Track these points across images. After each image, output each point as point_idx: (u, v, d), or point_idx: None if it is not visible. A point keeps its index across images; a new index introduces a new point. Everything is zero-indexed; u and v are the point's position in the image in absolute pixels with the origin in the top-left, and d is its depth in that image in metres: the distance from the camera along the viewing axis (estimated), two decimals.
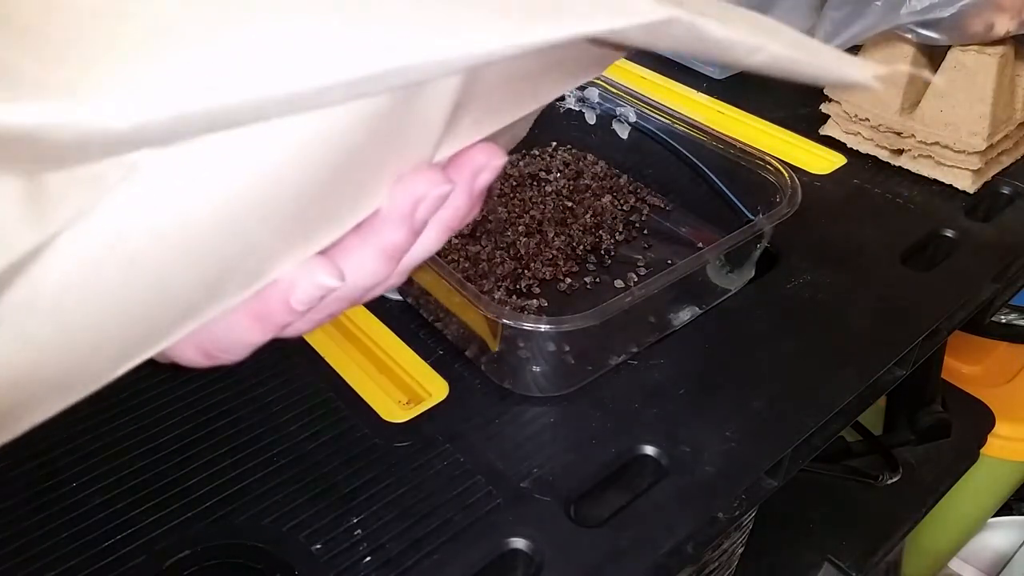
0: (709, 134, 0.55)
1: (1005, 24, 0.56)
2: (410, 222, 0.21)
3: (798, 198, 0.49)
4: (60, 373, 0.18)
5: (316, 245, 0.20)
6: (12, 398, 0.18)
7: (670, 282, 0.45)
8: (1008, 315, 0.86)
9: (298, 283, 0.20)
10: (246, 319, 0.20)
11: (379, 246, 0.21)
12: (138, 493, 0.38)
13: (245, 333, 0.21)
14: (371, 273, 0.21)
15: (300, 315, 0.21)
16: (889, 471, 0.73)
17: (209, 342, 0.21)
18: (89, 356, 0.18)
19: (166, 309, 0.18)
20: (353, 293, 0.22)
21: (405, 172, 0.20)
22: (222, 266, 0.18)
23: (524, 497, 0.38)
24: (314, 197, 0.18)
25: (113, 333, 0.18)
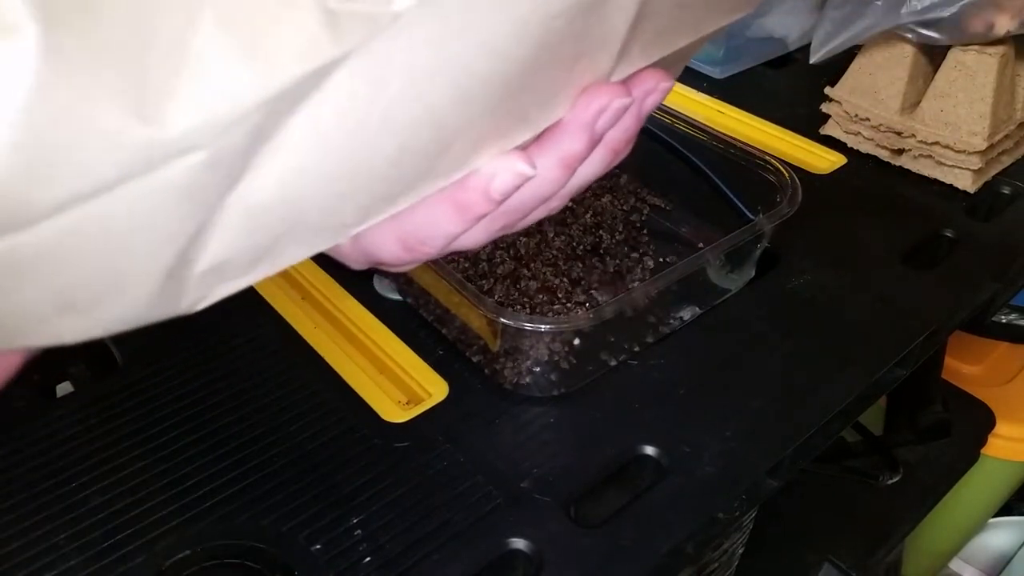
0: (709, 134, 0.55)
1: (1005, 24, 0.56)
2: (591, 131, 0.22)
3: (798, 198, 0.48)
4: (317, 208, 0.19)
5: (512, 141, 0.21)
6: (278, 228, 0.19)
7: (670, 282, 0.45)
8: (1008, 315, 0.86)
9: (498, 172, 0.21)
10: (447, 206, 0.22)
11: (559, 154, 0.23)
12: (138, 493, 0.38)
13: (444, 222, 0.22)
14: (550, 181, 0.23)
15: (495, 205, 0.22)
16: (889, 471, 0.73)
17: (410, 232, 0.23)
18: (341, 199, 0.19)
19: (404, 166, 0.19)
20: (529, 201, 0.24)
21: (588, 86, 0.22)
22: (446, 138, 0.19)
23: (524, 497, 0.38)
24: (521, 83, 0.19)
25: (364, 179, 0.19)
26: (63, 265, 0.15)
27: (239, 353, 0.45)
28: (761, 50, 0.77)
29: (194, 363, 0.45)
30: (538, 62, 0.19)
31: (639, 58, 0.23)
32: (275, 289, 0.50)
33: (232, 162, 0.16)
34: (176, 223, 0.16)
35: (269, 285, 0.50)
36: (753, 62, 0.76)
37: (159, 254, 0.17)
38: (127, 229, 0.15)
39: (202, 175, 0.15)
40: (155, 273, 0.17)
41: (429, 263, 0.42)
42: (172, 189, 0.15)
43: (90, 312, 0.17)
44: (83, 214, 0.14)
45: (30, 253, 0.14)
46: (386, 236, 0.23)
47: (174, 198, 0.15)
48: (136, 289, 0.17)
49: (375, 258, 0.24)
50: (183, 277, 0.18)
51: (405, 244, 0.23)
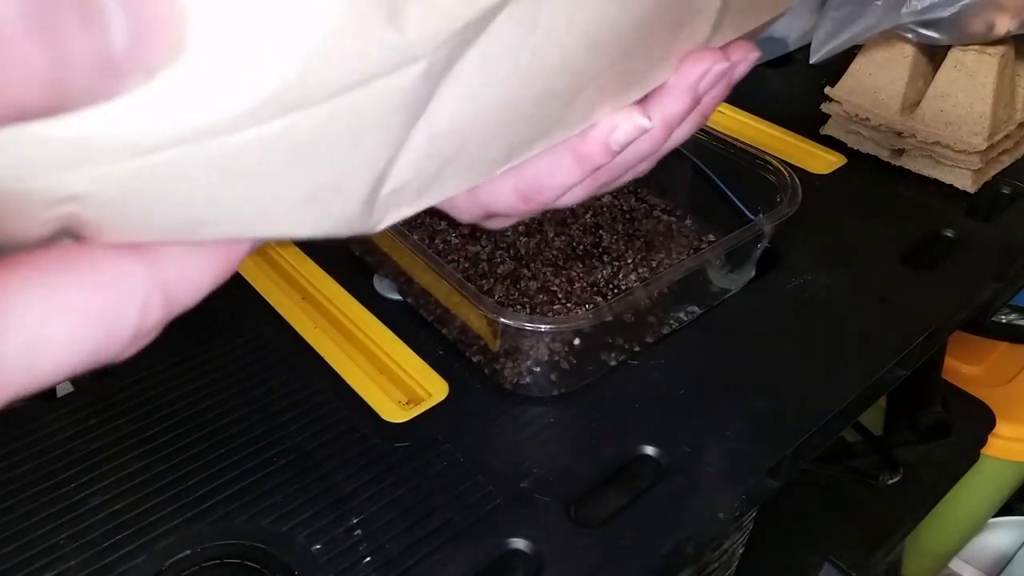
0: (709, 134, 0.55)
1: (1005, 24, 0.56)
2: (693, 93, 0.24)
3: (798, 198, 0.48)
4: (477, 141, 0.20)
5: (626, 99, 0.23)
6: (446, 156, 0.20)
7: (670, 282, 0.45)
8: (1008, 315, 0.86)
9: (619, 124, 0.23)
10: (568, 157, 0.23)
11: (663, 113, 0.24)
12: (137, 493, 0.38)
13: (563, 172, 0.23)
14: (653, 139, 0.24)
15: (612, 157, 0.23)
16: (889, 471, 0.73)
17: (530, 180, 0.24)
18: (497, 135, 0.21)
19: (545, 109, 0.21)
20: (632, 158, 0.25)
21: (690, 51, 0.24)
22: (577, 86, 0.21)
23: (524, 497, 0.38)
24: (637, 40, 0.21)
25: (514, 117, 0.20)
26: (315, 154, 0.16)
27: (239, 353, 0.45)
28: (761, 50, 0.77)
29: (194, 363, 0.45)
30: (651, 21, 0.21)
31: (730, 30, 0.25)
32: (275, 289, 0.50)
33: (433, 82, 0.17)
34: (394, 131, 0.17)
35: (269, 285, 0.50)
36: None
37: (377, 160, 0.18)
38: (367, 126, 0.17)
39: (417, 86, 0.17)
40: (371, 178, 0.18)
41: (429, 263, 0.42)
42: (399, 94, 0.16)
43: (315, 208, 0.18)
44: (344, 105, 0.15)
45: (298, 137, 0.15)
46: (504, 185, 0.24)
47: (399, 103, 0.17)
48: (356, 191, 0.18)
49: (490, 208, 0.25)
50: (378, 192, 0.19)
51: (523, 193, 0.24)
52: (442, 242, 0.54)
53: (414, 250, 0.43)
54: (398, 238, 0.44)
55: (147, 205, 0.15)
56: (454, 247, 0.54)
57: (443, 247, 0.54)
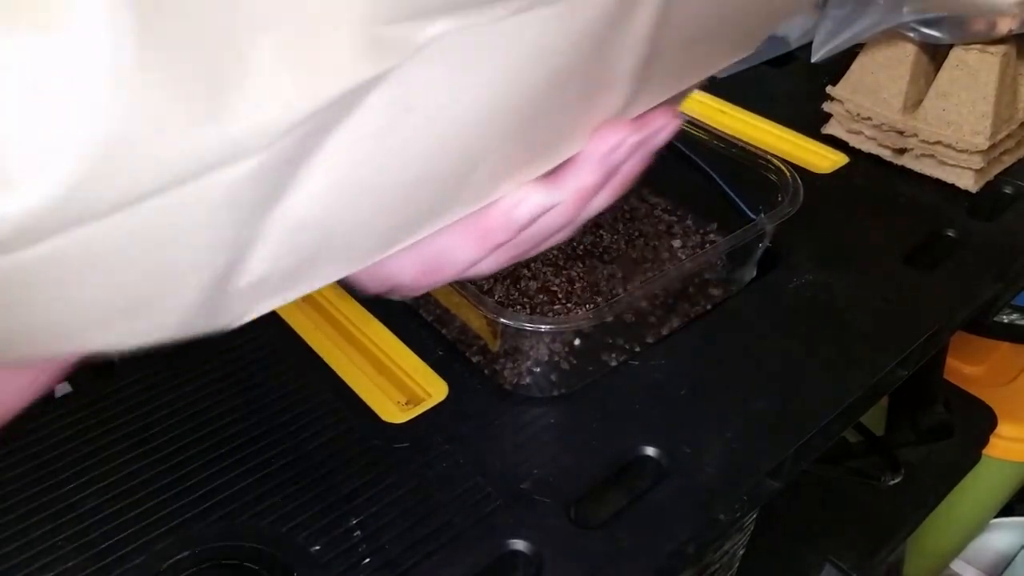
0: (711, 133, 0.55)
1: (1007, 23, 0.56)
2: (606, 165, 0.24)
3: (800, 197, 0.48)
4: (351, 230, 0.20)
5: (531, 173, 0.22)
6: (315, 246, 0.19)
7: (670, 282, 0.45)
8: (1010, 315, 0.86)
9: (521, 201, 0.22)
10: (469, 234, 0.23)
11: (576, 186, 0.23)
12: (137, 494, 0.38)
13: (464, 249, 0.23)
14: (563, 212, 0.24)
15: (515, 233, 0.23)
16: (891, 472, 0.73)
17: (430, 258, 0.23)
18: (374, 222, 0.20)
19: (431, 191, 0.20)
20: (544, 231, 0.25)
21: (602, 122, 0.23)
22: (468, 165, 0.20)
23: (524, 498, 0.38)
24: (537, 116, 0.20)
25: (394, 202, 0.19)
26: (122, 263, 0.15)
27: (239, 353, 0.45)
28: (762, 49, 0.76)
29: (193, 364, 0.45)
30: (547, 98, 0.20)
31: (649, 97, 0.24)
32: None
33: (278, 174, 0.16)
34: (226, 230, 0.16)
35: None
36: (754, 61, 0.76)
37: (210, 260, 0.17)
38: (185, 229, 0.16)
39: (253, 181, 0.16)
40: (204, 279, 0.17)
41: None
42: (227, 192, 0.15)
43: (138, 318, 0.17)
44: (148, 210, 0.14)
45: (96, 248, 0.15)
46: (405, 262, 0.23)
47: (227, 202, 0.16)
48: (185, 295, 0.17)
49: (393, 283, 0.25)
50: (227, 290, 0.18)
51: (424, 270, 0.24)
52: None
53: None
54: None
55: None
56: None
57: None
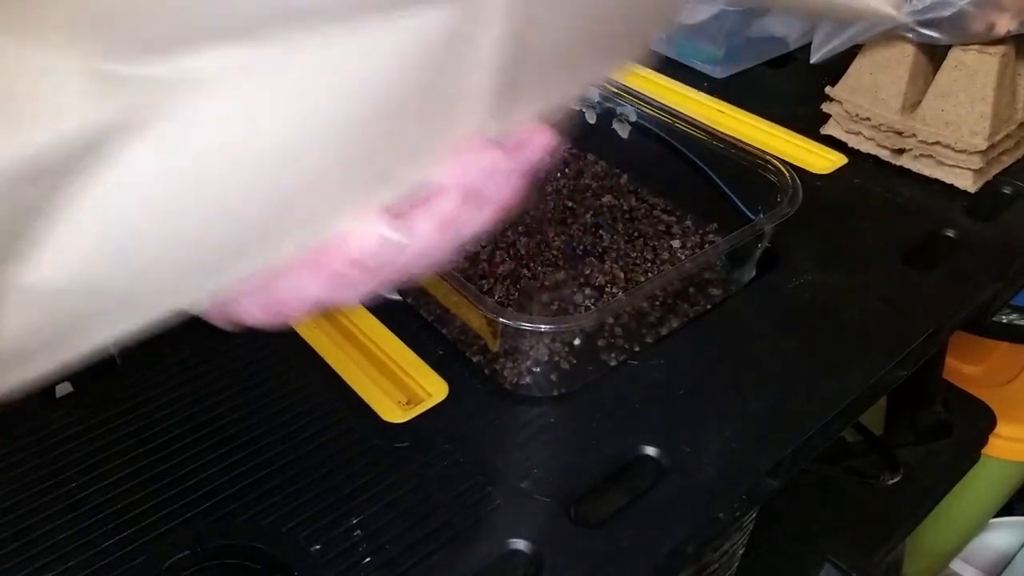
0: (710, 133, 0.55)
1: (1006, 23, 0.56)
2: (464, 191, 0.22)
3: (799, 198, 0.48)
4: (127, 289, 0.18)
5: (378, 200, 0.20)
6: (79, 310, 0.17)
7: (670, 282, 0.45)
8: (1009, 315, 0.86)
9: (364, 236, 0.20)
10: (309, 272, 0.21)
11: (437, 215, 0.22)
12: (137, 493, 0.38)
13: (308, 288, 0.22)
14: (426, 241, 0.22)
15: (360, 269, 0.21)
16: (890, 471, 0.73)
17: (273, 298, 0.22)
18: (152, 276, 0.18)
19: (231, 235, 0.18)
20: (409, 259, 0.23)
21: (462, 145, 0.21)
22: (287, 199, 0.18)
23: (524, 498, 0.38)
24: (364, 143, 0.18)
25: (176, 253, 0.17)
26: None
27: (239, 353, 0.45)
28: (762, 50, 0.77)
29: (194, 363, 0.45)
30: (382, 124, 0.18)
31: (520, 114, 0.22)
32: None
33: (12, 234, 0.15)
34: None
35: None
36: (754, 62, 0.76)
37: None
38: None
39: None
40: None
41: None
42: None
43: None
44: None
45: None
46: (247, 302, 0.22)
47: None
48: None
49: (239, 322, 0.23)
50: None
51: (268, 309, 0.22)
52: None
53: None
54: None
55: None
56: None
57: None
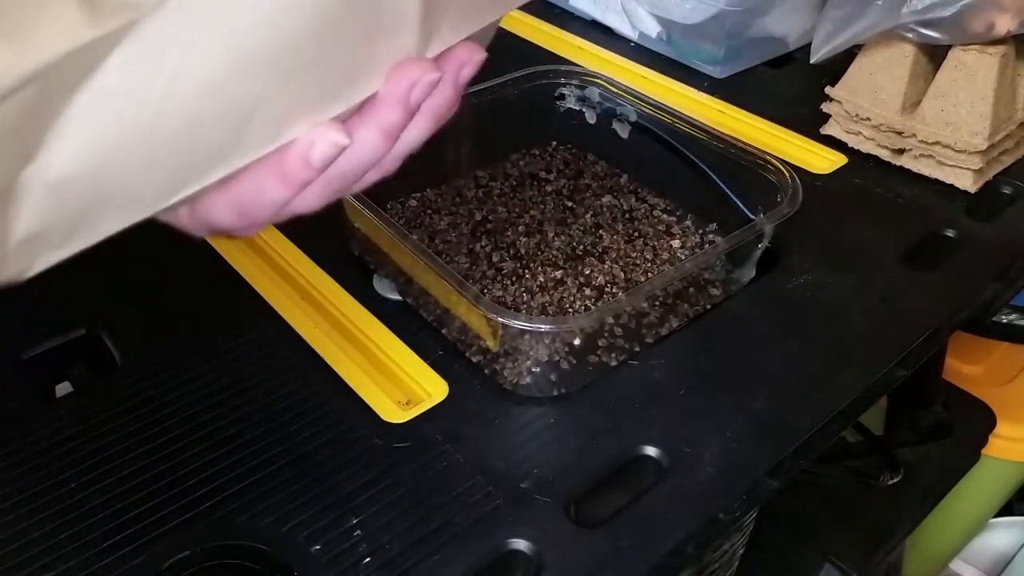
0: (710, 133, 0.55)
1: (1006, 23, 0.56)
2: (405, 103, 0.24)
3: (799, 198, 0.48)
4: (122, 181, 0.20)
5: (325, 114, 0.23)
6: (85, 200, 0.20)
7: (670, 282, 0.45)
8: (1009, 315, 0.86)
9: (315, 141, 0.23)
10: (270, 175, 0.24)
11: (379, 124, 0.24)
12: (137, 494, 0.38)
13: (270, 190, 0.24)
14: (372, 148, 0.25)
15: (316, 173, 0.24)
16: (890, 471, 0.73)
17: (240, 200, 0.24)
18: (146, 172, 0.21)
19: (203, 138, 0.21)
20: (356, 167, 0.26)
21: (398, 61, 0.24)
22: (241, 110, 0.21)
23: (524, 498, 0.38)
24: (312, 58, 0.21)
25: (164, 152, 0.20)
26: None
27: (239, 353, 0.45)
28: (762, 50, 0.77)
29: (194, 363, 0.45)
30: (328, 38, 0.21)
31: (450, 34, 0.25)
32: (275, 289, 0.50)
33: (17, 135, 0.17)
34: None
35: (269, 285, 0.50)
36: (754, 62, 0.76)
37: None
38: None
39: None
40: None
41: (429, 263, 0.42)
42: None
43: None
44: None
45: None
46: (218, 204, 0.24)
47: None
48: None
49: (212, 226, 0.26)
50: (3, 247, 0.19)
51: (238, 211, 0.25)
52: (442, 242, 0.54)
53: (414, 250, 0.43)
54: (398, 238, 0.44)
55: None
56: (454, 247, 0.54)
57: (443, 247, 0.54)
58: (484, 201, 0.58)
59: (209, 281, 0.51)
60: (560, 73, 0.61)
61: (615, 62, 0.76)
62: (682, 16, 0.73)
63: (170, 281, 0.51)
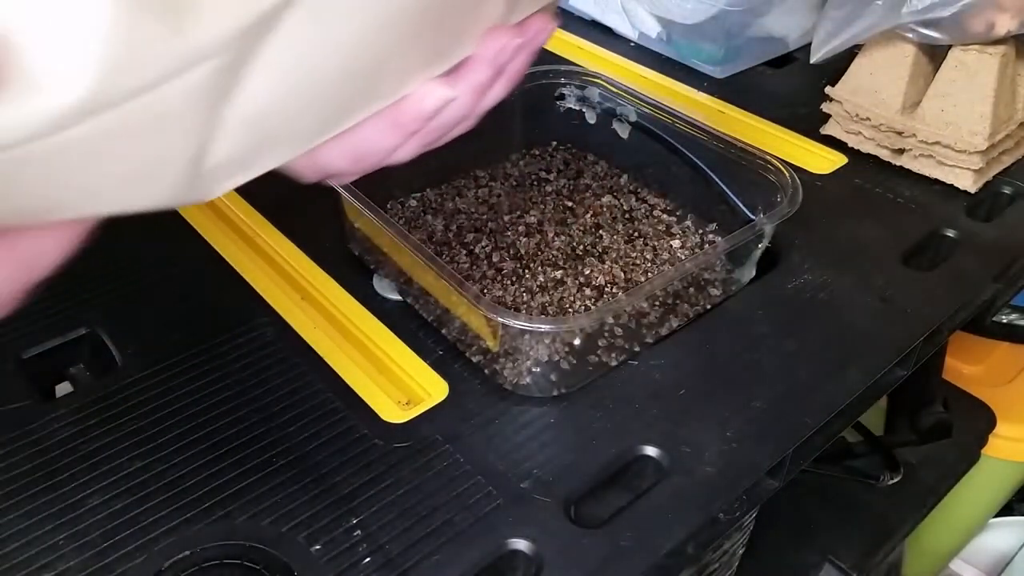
0: (710, 133, 0.55)
1: (1006, 23, 0.56)
2: (495, 64, 0.28)
3: (799, 198, 0.48)
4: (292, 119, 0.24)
5: (433, 72, 0.27)
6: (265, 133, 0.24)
7: (670, 282, 0.45)
8: (1009, 315, 0.86)
9: (427, 95, 0.27)
10: (386, 124, 0.27)
11: (471, 83, 0.28)
12: (137, 494, 0.38)
13: (384, 138, 0.28)
14: (464, 104, 0.29)
15: (425, 123, 0.28)
16: (890, 471, 0.73)
17: (356, 146, 0.28)
18: (310, 111, 0.24)
19: (352, 85, 0.25)
20: (450, 121, 0.29)
21: (490, 28, 0.28)
22: (380, 63, 0.25)
23: (524, 498, 0.38)
24: (434, 21, 0.25)
25: (323, 95, 0.24)
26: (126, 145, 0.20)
27: (239, 353, 0.45)
28: (762, 50, 0.77)
29: (194, 363, 0.45)
30: (439, 6, 0.25)
31: (528, 5, 0.29)
32: (275, 289, 0.50)
33: (229, 74, 0.21)
34: (196, 119, 0.21)
35: (269, 285, 0.50)
36: (753, 62, 0.76)
37: (186, 143, 0.21)
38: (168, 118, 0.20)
39: (211, 80, 0.20)
40: (183, 158, 0.22)
41: (429, 263, 0.42)
42: (194, 89, 0.20)
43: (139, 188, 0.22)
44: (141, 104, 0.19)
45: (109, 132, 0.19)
46: (335, 151, 0.27)
47: (195, 97, 0.20)
48: (170, 171, 0.22)
49: (327, 170, 0.29)
50: (200, 169, 0.23)
51: (352, 156, 0.28)
52: (442, 242, 0.54)
53: (414, 250, 0.43)
54: (398, 238, 0.44)
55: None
56: (454, 247, 0.54)
57: (443, 247, 0.54)
58: (484, 201, 0.58)
59: (209, 281, 0.51)
60: (560, 73, 0.62)
61: (615, 62, 0.76)
62: (682, 16, 0.73)
63: (170, 281, 0.51)
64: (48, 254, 0.21)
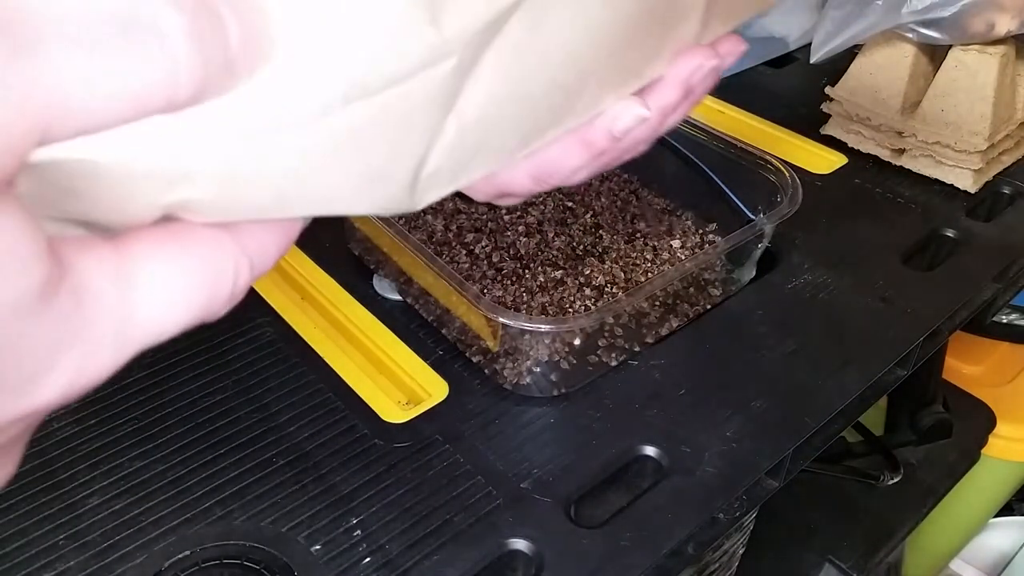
0: (710, 133, 0.55)
1: (1006, 23, 0.56)
2: (686, 85, 0.27)
3: (799, 198, 0.48)
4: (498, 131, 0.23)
5: (627, 90, 0.26)
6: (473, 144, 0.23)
7: (670, 282, 0.45)
8: (1009, 315, 0.86)
9: (621, 114, 0.26)
10: (576, 143, 0.26)
11: (659, 103, 0.27)
12: (137, 494, 0.38)
13: (571, 157, 0.26)
14: (651, 126, 0.27)
15: (615, 143, 0.26)
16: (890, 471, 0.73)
17: (541, 165, 0.27)
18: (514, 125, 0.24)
19: (555, 99, 0.24)
20: (635, 142, 0.28)
21: (682, 47, 0.27)
22: (582, 78, 0.24)
23: (524, 498, 0.38)
24: (633, 38, 0.24)
25: (529, 109, 0.23)
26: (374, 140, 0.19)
27: (239, 353, 0.45)
28: (762, 50, 0.77)
29: (194, 363, 0.45)
30: (644, 22, 0.24)
31: (718, 26, 0.28)
32: (275, 289, 0.50)
33: (462, 76, 0.20)
34: (431, 118, 0.20)
35: (269, 285, 0.50)
36: (754, 62, 0.76)
37: (418, 145, 0.21)
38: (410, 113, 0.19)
39: (450, 80, 0.19)
40: (413, 163, 0.21)
41: (429, 263, 0.42)
42: (435, 86, 0.19)
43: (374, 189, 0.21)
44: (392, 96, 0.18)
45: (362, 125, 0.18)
46: (520, 169, 0.27)
47: (435, 94, 0.20)
48: (400, 174, 0.21)
49: (505, 190, 0.28)
50: (419, 174, 0.22)
51: (536, 176, 0.27)
52: (442, 242, 0.54)
53: (414, 250, 0.43)
54: (398, 238, 0.44)
55: (244, 186, 0.18)
56: (454, 247, 0.54)
57: (443, 247, 0.54)
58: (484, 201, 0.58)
59: None
60: None
61: None
62: None
63: None
64: (269, 251, 0.20)
